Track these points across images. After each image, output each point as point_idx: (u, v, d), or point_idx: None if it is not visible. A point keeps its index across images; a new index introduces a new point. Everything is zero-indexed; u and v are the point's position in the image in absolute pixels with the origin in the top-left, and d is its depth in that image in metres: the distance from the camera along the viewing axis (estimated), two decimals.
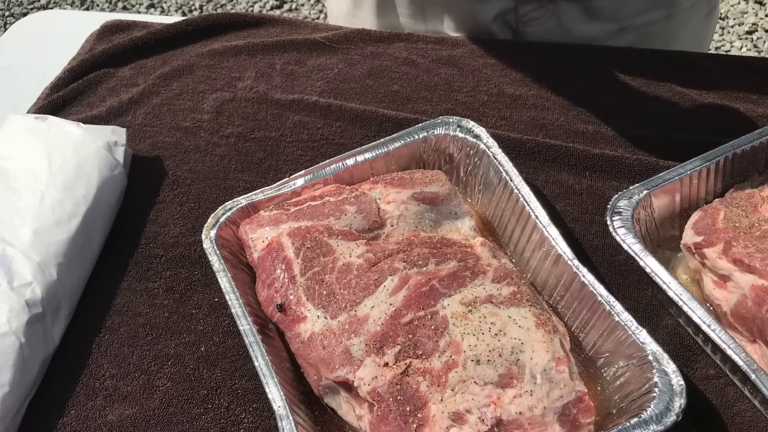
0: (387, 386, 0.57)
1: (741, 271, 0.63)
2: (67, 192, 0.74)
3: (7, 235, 0.69)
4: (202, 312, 0.72)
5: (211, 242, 0.69)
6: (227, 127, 0.91)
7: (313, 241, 0.66)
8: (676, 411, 0.56)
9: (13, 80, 1.02)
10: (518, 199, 0.70)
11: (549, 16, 0.97)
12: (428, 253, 0.65)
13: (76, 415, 0.65)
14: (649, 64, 0.94)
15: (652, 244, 0.71)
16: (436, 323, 0.60)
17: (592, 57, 0.96)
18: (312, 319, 0.63)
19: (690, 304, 0.62)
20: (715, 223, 0.67)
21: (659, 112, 0.89)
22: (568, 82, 0.93)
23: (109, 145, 0.80)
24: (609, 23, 0.98)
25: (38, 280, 0.67)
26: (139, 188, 0.83)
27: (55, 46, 1.05)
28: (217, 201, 0.80)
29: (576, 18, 0.97)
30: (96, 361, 0.69)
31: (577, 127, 0.88)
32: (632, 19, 0.97)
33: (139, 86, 0.96)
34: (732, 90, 0.90)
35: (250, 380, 0.67)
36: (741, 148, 0.73)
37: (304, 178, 0.75)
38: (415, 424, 0.56)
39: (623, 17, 0.97)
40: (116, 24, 1.05)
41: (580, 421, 0.57)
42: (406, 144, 0.77)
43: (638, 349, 0.59)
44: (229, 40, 1.03)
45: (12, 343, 0.63)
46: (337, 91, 0.94)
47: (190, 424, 0.64)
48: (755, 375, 0.58)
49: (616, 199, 0.70)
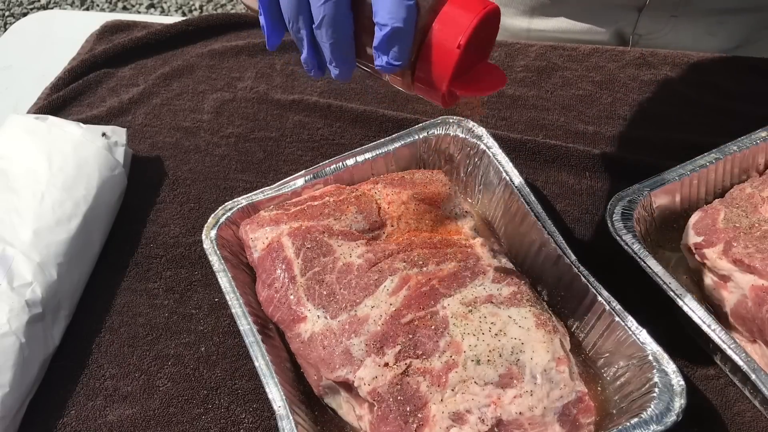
0: (387, 386, 0.57)
1: (741, 271, 0.63)
2: (67, 192, 0.74)
3: (7, 235, 0.69)
4: (202, 312, 0.72)
5: (211, 242, 0.69)
6: (227, 127, 0.91)
7: (313, 241, 0.66)
8: (677, 411, 0.56)
9: (13, 80, 1.02)
10: (518, 199, 0.70)
11: (667, 31, 0.95)
12: (428, 253, 0.65)
13: (76, 415, 0.65)
14: (649, 64, 0.94)
15: (652, 244, 0.71)
16: (436, 323, 0.60)
17: (592, 57, 0.96)
18: (312, 319, 0.63)
19: (690, 304, 0.62)
20: (715, 223, 0.67)
21: (659, 112, 0.89)
22: (568, 82, 0.93)
23: (109, 145, 0.80)
24: (727, 41, 0.96)
25: (38, 280, 0.67)
26: (139, 188, 0.83)
27: (55, 46, 1.05)
28: (217, 201, 0.80)
29: (696, 34, 0.95)
30: (96, 361, 0.69)
31: (577, 127, 0.88)
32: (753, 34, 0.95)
33: (139, 86, 0.96)
34: (732, 90, 0.90)
35: (250, 380, 0.67)
36: (741, 148, 0.73)
37: (304, 178, 0.75)
38: (415, 424, 0.56)
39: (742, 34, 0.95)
40: (116, 24, 1.05)
41: (581, 421, 0.57)
42: (406, 144, 0.77)
43: (638, 349, 0.59)
44: (229, 40, 1.03)
45: (12, 343, 0.63)
46: (338, 92, 0.94)
47: (190, 424, 0.64)
48: (755, 375, 0.58)
49: (616, 199, 0.70)
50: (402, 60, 0.49)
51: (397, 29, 0.48)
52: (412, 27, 0.48)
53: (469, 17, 0.48)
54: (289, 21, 0.52)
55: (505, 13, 1.00)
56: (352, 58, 0.52)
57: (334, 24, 0.50)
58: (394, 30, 0.47)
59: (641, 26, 0.95)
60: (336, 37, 0.50)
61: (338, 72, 0.53)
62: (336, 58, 0.52)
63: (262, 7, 0.53)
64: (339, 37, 0.50)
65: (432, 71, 0.50)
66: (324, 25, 0.50)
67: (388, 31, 0.48)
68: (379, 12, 0.48)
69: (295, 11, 0.51)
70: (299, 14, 0.51)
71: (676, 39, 0.96)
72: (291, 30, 0.53)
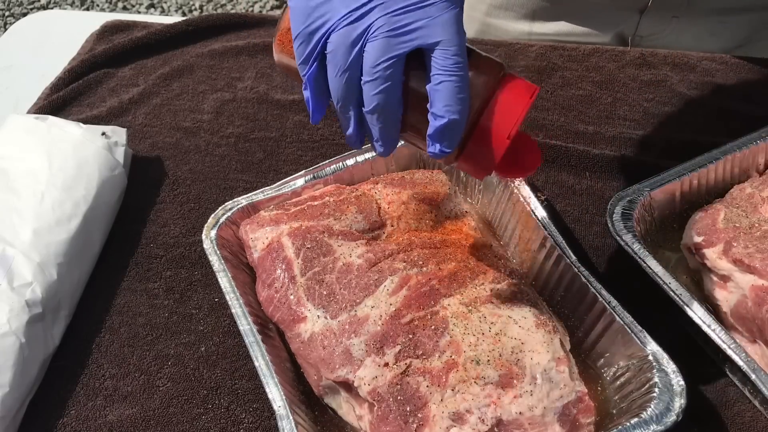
0: (387, 386, 0.57)
1: (741, 271, 0.63)
2: (67, 192, 0.74)
3: (7, 235, 0.69)
4: (202, 312, 0.72)
5: (211, 242, 0.69)
6: (227, 127, 0.91)
7: (313, 241, 0.66)
8: (677, 411, 0.56)
9: (13, 80, 1.02)
10: (518, 199, 0.70)
11: (669, 32, 0.95)
12: (428, 253, 0.65)
13: (76, 415, 0.65)
14: (649, 64, 0.94)
15: (652, 244, 0.71)
16: (436, 323, 0.60)
17: (592, 57, 0.96)
18: (312, 319, 0.63)
19: (690, 304, 0.62)
20: (715, 223, 0.67)
21: (659, 112, 0.89)
22: (568, 82, 0.93)
23: (109, 145, 0.80)
24: (728, 41, 0.95)
25: (38, 280, 0.67)
26: (139, 188, 0.83)
27: (55, 46, 1.05)
28: (217, 201, 0.80)
29: (697, 34, 0.95)
30: (96, 361, 0.69)
31: (577, 127, 0.88)
32: (755, 34, 0.95)
33: (139, 86, 0.96)
34: (732, 90, 0.90)
35: (250, 380, 0.67)
36: (741, 148, 0.73)
37: (304, 178, 0.75)
38: (415, 424, 0.56)
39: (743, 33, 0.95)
40: (116, 24, 1.05)
41: (581, 421, 0.57)
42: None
43: (638, 349, 0.59)
44: (229, 40, 1.03)
45: (12, 343, 0.63)
46: None
47: (190, 424, 0.64)
48: (755, 375, 0.58)
49: (616, 199, 0.70)
50: (453, 147, 0.50)
51: (453, 121, 0.48)
52: (465, 118, 0.49)
53: (519, 107, 0.50)
54: (338, 101, 0.52)
55: (506, 16, 1.00)
56: (397, 138, 0.53)
57: (386, 111, 0.50)
58: (451, 122, 0.48)
59: (643, 28, 0.95)
60: (386, 122, 0.51)
61: (383, 150, 0.53)
62: (383, 138, 0.52)
63: (309, 83, 0.52)
64: (389, 122, 0.51)
65: (480, 156, 0.51)
66: (376, 111, 0.50)
67: (445, 122, 0.48)
68: (436, 104, 0.48)
69: (345, 95, 0.51)
70: (349, 98, 0.51)
71: (677, 40, 0.96)
72: (338, 109, 0.52)
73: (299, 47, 0.51)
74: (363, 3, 0.48)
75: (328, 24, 0.49)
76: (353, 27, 0.48)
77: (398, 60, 0.48)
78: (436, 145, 0.50)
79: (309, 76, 0.51)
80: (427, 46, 0.48)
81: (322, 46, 0.50)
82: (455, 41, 0.48)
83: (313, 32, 0.50)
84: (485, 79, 0.50)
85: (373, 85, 0.49)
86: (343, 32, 0.49)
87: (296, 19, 0.50)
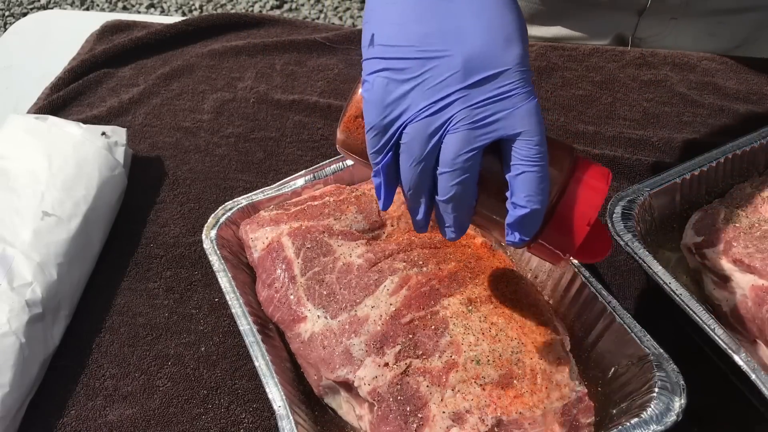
0: (387, 386, 0.57)
1: (741, 271, 0.63)
2: (67, 192, 0.74)
3: (7, 235, 0.69)
4: (202, 312, 0.72)
5: (211, 242, 0.69)
6: (227, 127, 0.91)
7: (313, 241, 0.66)
8: (677, 411, 0.56)
9: (13, 80, 1.02)
10: None
11: (667, 33, 0.95)
12: (428, 253, 0.65)
13: (76, 415, 0.65)
14: (649, 64, 0.94)
15: (652, 244, 0.71)
16: (436, 323, 0.60)
17: (592, 57, 0.96)
18: (312, 319, 0.63)
19: (690, 304, 0.62)
20: (716, 223, 0.67)
21: (659, 112, 0.89)
22: (568, 82, 0.93)
23: (109, 145, 0.80)
24: (727, 41, 0.96)
25: (38, 280, 0.67)
26: (139, 188, 0.83)
27: (55, 46, 1.05)
28: (217, 201, 0.80)
29: (696, 35, 0.95)
30: (96, 361, 0.69)
31: (577, 127, 0.88)
32: (753, 34, 0.95)
33: (139, 86, 0.96)
34: (732, 90, 0.90)
35: (250, 380, 0.67)
36: (741, 148, 0.73)
37: (304, 178, 0.75)
38: (415, 424, 0.56)
39: (742, 33, 0.95)
40: (116, 24, 1.05)
41: (581, 421, 0.57)
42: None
43: (638, 349, 0.59)
44: (229, 40, 1.03)
45: (12, 343, 0.63)
46: (338, 91, 0.94)
47: (190, 424, 0.64)
48: (755, 375, 0.58)
49: (616, 199, 0.70)
50: (532, 235, 0.50)
51: (535, 211, 0.48)
52: (546, 207, 0.49)
53: (598, 195, 0.50)
54: (409, 189, 0.51)
55: None
56: (468, 224, 0.53)
57: (462, 200, 0.50)
58: (533, 211, 0.48)
59: (641, 30, 0.95)
60: (460, 211, 0.51)
61: (454, 236, 0.53)
62: (455, 225, 0.52)
63: (382, 172, 0.52)
64: (464, 210, 0.51)
65: (557, 243, 0.51)
66: (452, 201, 0.50)
67: (527, 212, 0.48)
68: (517, 194, 0.48)
69: (418, 183, 0.51)
70: (422, 186, 0.51)
71: (676, 41, 0.96)
72: (407, 197, 0.52)
73: (373, 138, 0.50)
74: (444, 95, 0.48)
75: (405, 116, 0.49)
76: (433, 119, 0.48)
77: (479, 152, 0.48)
78: (515, 234, 0.50)
79: (382, 166, 0.51)
80: (508, 137, 0.48)
81: (398, 137, 0.50)
82: (536, 131, 0.48)
83: (389, 124, 0.49)
84: (561, 166, 0.50)
85: (452, 176, 0.49)
86: (421, 124, 0.48)
87: (371, 111, 0.49)
